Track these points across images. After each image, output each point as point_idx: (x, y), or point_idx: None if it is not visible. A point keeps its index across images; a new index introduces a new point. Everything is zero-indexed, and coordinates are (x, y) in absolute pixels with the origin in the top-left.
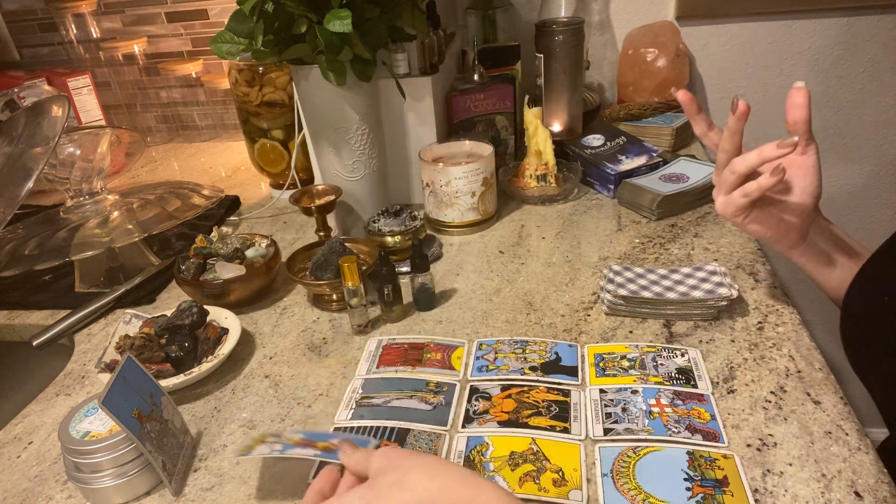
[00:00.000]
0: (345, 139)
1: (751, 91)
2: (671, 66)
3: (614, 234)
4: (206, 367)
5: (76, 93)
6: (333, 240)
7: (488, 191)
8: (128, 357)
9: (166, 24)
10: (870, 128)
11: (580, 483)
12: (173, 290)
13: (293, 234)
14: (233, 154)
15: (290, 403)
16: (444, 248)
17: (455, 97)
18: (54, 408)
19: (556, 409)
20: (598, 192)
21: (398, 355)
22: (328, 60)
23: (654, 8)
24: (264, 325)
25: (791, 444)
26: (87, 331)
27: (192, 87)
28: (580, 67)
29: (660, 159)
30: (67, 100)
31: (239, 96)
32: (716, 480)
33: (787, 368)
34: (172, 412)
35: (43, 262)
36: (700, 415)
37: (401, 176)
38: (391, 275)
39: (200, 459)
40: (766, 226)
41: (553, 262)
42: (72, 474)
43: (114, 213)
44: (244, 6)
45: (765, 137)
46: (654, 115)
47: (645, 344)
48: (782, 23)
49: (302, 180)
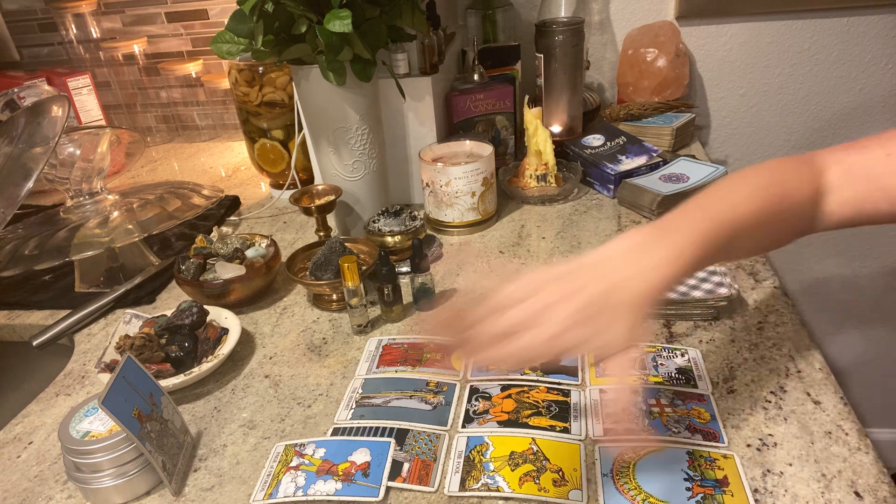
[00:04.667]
0: (345, 139)
1: (751, 91)
2: (671, 66)
3: (614, 234)
4: (206, 367)
5: (76, 93)
6: (333, 240)
7: (488, 191)
8: (128, 357)
9: (166, 24)
10: (870, 128)
11: (580, 483)
12: (173, 290)
13: (293, 234)
14: (233, 154)
15: (290, 403)
16: (443, 248)
17: (455, 97)
18: (54, 408)
19: (556, 409)
20: (598, 192)
21: (398, 355)
22: (328, 60)
23: (654, 8)
24: (264, 325)
25: (791, 444)
26: (87, 331)
27: (192, 87)
28: (580, 67)
29: (660, 159)
30: (67, 100)
31: (239, 96)
32: (716, 480)
33: (787, 368)
34: (172, 412)
35: (43, 262)
36: (700, 415)
37: (401, 176)
38: (391, 275)
39: (200, 459)
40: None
41: (553, 262)
42: (72, 474)
43: (114, 213)
44: (244, 6)
45: (765, 137)
46: (654, 115)
47: (645, 344)
48: (782, 23)
49: (302, 180)
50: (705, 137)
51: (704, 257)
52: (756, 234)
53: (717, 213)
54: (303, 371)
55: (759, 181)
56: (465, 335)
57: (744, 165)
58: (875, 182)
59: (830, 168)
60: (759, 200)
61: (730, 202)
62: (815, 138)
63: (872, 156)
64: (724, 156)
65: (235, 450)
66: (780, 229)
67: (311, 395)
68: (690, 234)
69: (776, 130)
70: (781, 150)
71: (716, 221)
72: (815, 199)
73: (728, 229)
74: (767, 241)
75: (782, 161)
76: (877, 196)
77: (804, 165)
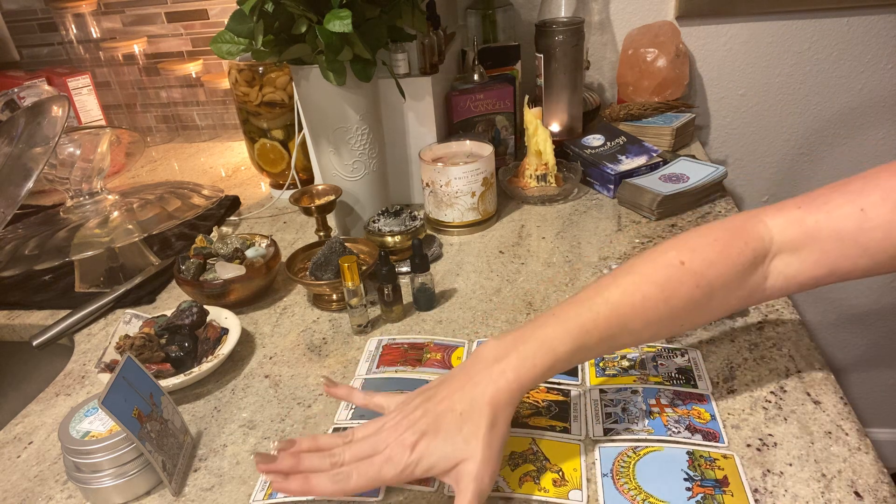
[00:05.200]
0: (345, 139)
1: (751, 91)
2: (671, 66)
3: (614, 234)
4: (206, 367)
5: (76, 93)
6: (333, 240)
7: (488, 191)
8: (128, 357)
9: (166, 24)
10: (870, 128)
11: (580, 483)
12: (173, 290)
13: (293, 234)
14: (233, 154)
15: (290, 403)
16: (443, 248)
17: (455, 97)
18: (54, 408)
19: (555, 409)
20: (598, 192)
21: (398, 355)
22: (328, 60)
23: (654, 8)
24: (264, 325)
25: (791, 444)
26: (87, 331)
27: (192, 87)
28: (580, 67)
29: (660, 159)
30: (67, 100)
31: (239, 96)
32: (716, 480)
33: (787, 368)
34: (172, 412)
35: (43, 262)
36: (700, 415)
37: (401, 176)
38: (391, 275)
39: (200, 459)
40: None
41: (553, 262)
42: (72, 474)
43: (114, 213)
44: (244, 6)
45: (765, 137)
46: (654, 115)
47: (645, 344)
48: (782, 23)
49: (302, 180)
50: (705, 137)
51: (564, 360)
52: (642, 332)
53: (576, 324)
54: (303, 371)
55: (635, 279)
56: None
57: (744, 165)
58: (849, 240)
59: (785, 231)
60: (632, 305)
61: (592, 309)
62: (815, 138)
63: (841, 212)
64: (724, 156)
65: (235, 450)
66: (693, 313)
67: (311, 395)
68: (543, 344)
69: (776, 130)
70: (781, 149)
71: (573, 333)
72: (747, 272)
73: (588, 337)
74: (678, 325)
75: (704, 234)
76: (854, 253)
77: (732, 242)
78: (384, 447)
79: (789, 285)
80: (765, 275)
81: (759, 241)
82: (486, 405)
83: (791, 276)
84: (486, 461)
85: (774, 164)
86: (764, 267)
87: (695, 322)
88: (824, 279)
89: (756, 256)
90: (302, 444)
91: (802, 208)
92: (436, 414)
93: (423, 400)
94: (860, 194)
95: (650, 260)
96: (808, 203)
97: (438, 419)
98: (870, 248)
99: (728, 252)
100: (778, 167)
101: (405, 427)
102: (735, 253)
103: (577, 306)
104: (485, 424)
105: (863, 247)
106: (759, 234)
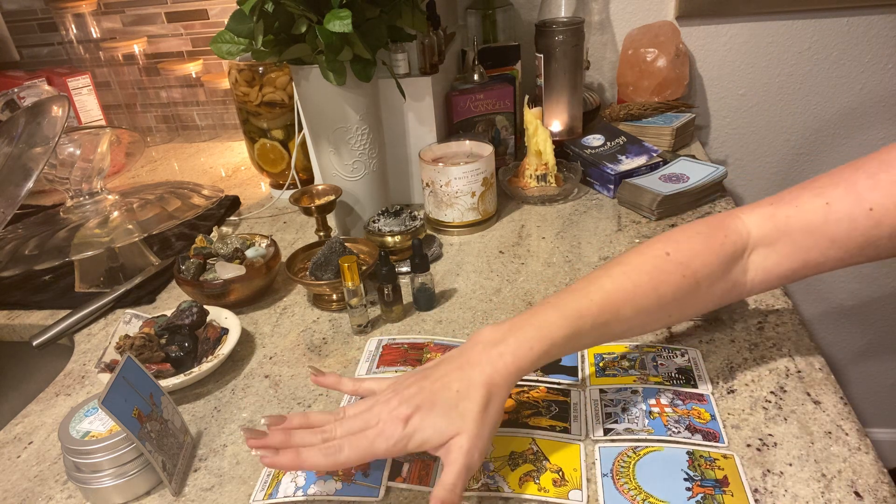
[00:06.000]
0: (345, 139)
1: (751, 91)
2: (671, 66)
3: (614, 234)
4: (206, 367)
5: (76, 93)
6: (333, 240)
7: (488, 191)
8: (128, 357)
9: (166, 24)
10: (870, 128)
11: (580, 483)
12: (173, 290)
13: (293, 234)
14: (233, 154)
15: (290, 403)
16: (443, 248)
17: (455, 97)
18: (54, 408)
19: (555, 409)
20: (598, 192)
21: (398, 355)
22: (328, 60)
23: (654, 8)
24: (264, 325)
25: (791, 444)
26: (87, 331)
27: (192, 87)
28: (580, 67)
29: (660, 159)
30: (67, 100)
31: (239, 96)
32: (716, 480)
33: (787, 368)
34: (172, 412)
35: (43, 262)
36: (700, 415)
37: (401, 176)
38: (391, 275)
39: (200, 459)
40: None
41: (553, 262)
42: (72, 474)
43: (114, 213)
44: (244, 6)
45: (765, 137)
46: (654, 115)
47: (645, 344)
48: (782, 23)
49: (302, 180)
50: (705, 137)
51: (560, 345)
52: (633, 320)
53: (571, 309)
54: (303, 371)
55: (625, 269)
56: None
57: (744, 165)
58: (818, 232)
59: (759, 226)
60: (623, 292)
61: (587, 296)
62: (815, 138)
63: (809, 206)
64: (724, 156)
65: (235, 450)
66: (681, 301)
67: (311, 395)
68: (540, 329)
69: (776, 130)
70: (781, 149)
71: (569, 318)
72: (729, 264)
73: (583, 322)
74: (667, 315)
75: (687, 230)
76: (823, 244)
77: (713, 235)
78: (377, 422)
79: (769, 278)
80: (745, 269)
81: (737, 236)
82: (482, 385)
83: (769, 268)
84: (478, 437)
85: (774, 164)
86: (744, 261)
87: (683, 312)
88: (801, 271)
89: (735, 250)
90: (293, 420)
91: (774, 205)
92: (431, 391)
93: (419, 378)
94: (826, 189)
95: (639, 253)
96: (779, 200)
97: (434, 395)
98: (837, 238)
99: (710, 244)
100: (778, 167)
101: (399, 402)
102: (717, 245)
103: (571, 294)
104: (480, 403)
105: (830, 238)
106: (736, 229)
